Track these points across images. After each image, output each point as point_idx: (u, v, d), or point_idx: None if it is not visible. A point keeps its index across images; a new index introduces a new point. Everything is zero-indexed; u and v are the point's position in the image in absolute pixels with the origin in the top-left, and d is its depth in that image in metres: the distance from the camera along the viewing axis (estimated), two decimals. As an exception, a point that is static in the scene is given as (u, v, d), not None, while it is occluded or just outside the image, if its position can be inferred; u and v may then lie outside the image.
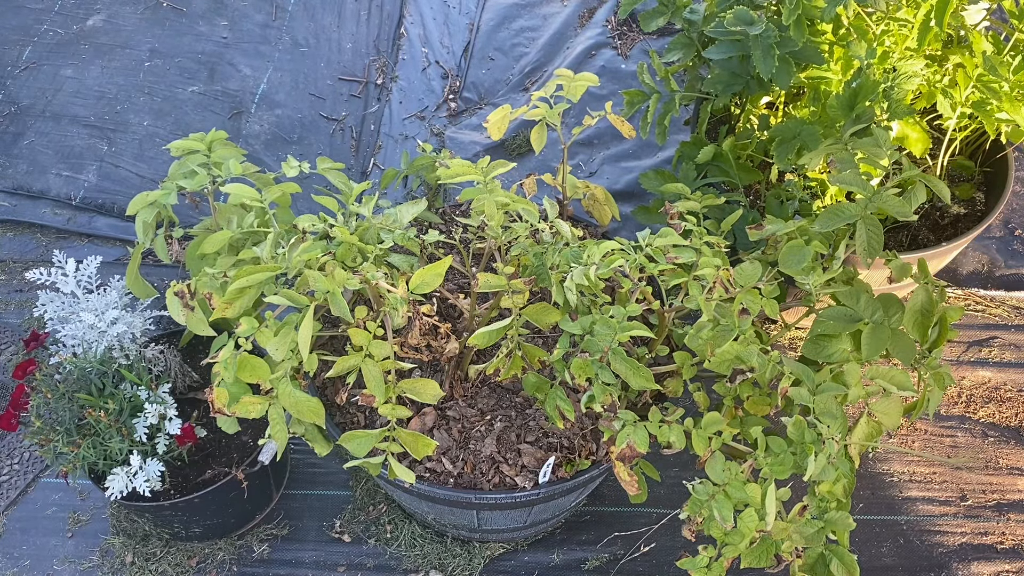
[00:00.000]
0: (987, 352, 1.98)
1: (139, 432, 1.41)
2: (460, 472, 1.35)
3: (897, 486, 1.78)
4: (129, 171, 2.26)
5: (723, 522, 1.09)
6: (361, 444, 1.16)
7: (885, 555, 1.68)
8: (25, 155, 2.30)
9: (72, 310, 1.49)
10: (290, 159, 1.34)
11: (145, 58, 2.52)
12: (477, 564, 1.65)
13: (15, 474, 1.78)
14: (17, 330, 1.99)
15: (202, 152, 1.37)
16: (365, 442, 1.16)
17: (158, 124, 2.36)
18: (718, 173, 1.66)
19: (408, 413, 1.17)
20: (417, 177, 1.58)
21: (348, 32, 2.70)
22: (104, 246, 2.17)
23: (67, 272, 1.50)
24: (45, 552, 1.68)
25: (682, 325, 1.36)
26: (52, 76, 2.47)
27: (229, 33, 2.60)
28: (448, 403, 1.42)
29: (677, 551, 1.67)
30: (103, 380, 1.44)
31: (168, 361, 1.54)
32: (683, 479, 1.20)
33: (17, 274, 2.11)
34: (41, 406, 1.43)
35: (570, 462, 1.35)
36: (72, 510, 1.73)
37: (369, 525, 1.71)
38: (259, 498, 1.67)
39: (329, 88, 2.54)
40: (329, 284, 1.09)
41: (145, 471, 1.41)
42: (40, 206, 2.22)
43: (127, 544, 1.66)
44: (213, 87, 2.45)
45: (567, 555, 1.68)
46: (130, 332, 1.50)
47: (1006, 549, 1.69)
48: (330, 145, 2.40)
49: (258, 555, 1.67)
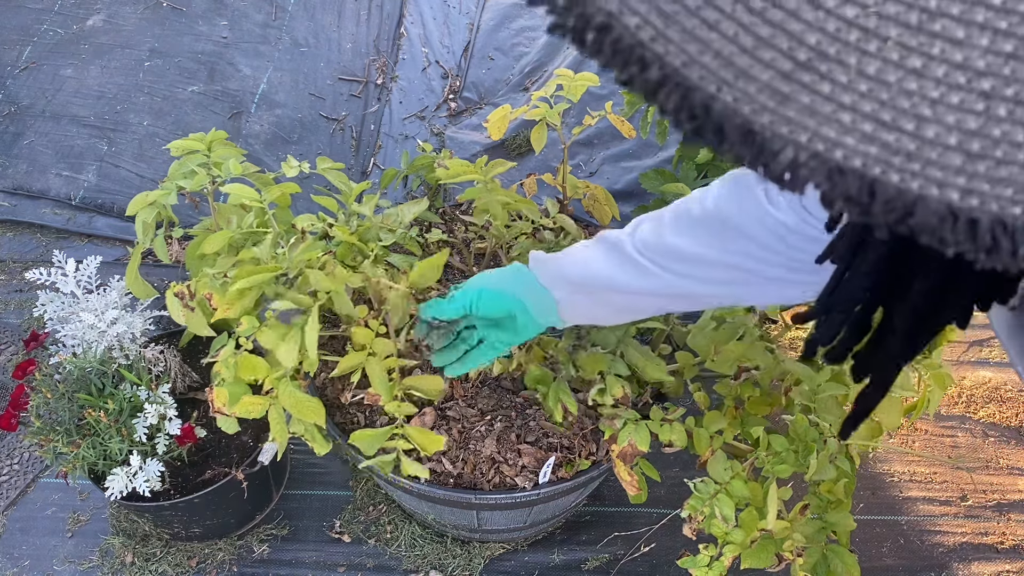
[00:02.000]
0: (988, 352, 1.97)
1: (139, 432, 1.40)
2: (460, 472, 1.34)
3: (897, 486, 1.77)
4: (129, 171, 2.26)
5: (724, 521, 1.09)
6: (371, 442, 1.16)
7: (886, 555, 1.68)
8: (25, 155, 2.30)
9: (72, 310, 1.49)
10: (290, 159, 1.33)
11: (145, 58, 2.52)
12: (477, 564, 1.65)
13: (15, 474, 1.78)
14: (17, 330, 1.99)
15: (202, 152, 1.37)
16: (374, 441, 1.16)
17: (158, 124, 2.36)
18: (718, 173, 1.66)
19: (414, 410, 1.17)
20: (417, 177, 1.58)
21: (348, 32, 2.69)
22: (104, 246, 2.17)
23: (67, 272, 1.50)
24: (45, 552, 1.68)
25: (684, 324, 1.36)
26: (52, 76, 2.47)
27: (229, 33, 2.60)
28: (448, 403, 1.42)
29: (677, 551, 1.66)
30: (103, 380, 1.44)
31: (168, 361, 1.53)
32: (683, 479, 1.20)
33: (17, 274, 2.11)
34: (41, 406, 1.43)
35: (570, 462, 1.35)
36: (72, 510, 1.73)
37: (369, 525, 1.71)
38: (259, 498, 1.67)
39: (329, 88, 2.54)
40: (331, 283, 1.09)
41: (145, 471, 1.41)
42: (40, 206, 2.22)
43: (127, 544, 1.66)
44: (213, 87, 2.45)
45: (567, 555, 1.68)
46: (130, 332, 1.50)
47: (1007, 549, 1.69)
48: (330, 145, 2.40)
49: (258, 555, 1.67)
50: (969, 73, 0.20)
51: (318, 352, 1.11)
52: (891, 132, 0.21)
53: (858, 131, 0.21)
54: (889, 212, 0.22)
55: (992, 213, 0.21)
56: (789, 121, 0.22)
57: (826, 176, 0.22)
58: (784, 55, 0.22)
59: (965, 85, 0.20)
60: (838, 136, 0.22)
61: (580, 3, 0.24)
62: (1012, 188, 0.21)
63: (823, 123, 0.22)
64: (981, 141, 0.20)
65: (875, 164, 0.22)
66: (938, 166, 0.21)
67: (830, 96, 0.22)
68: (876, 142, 0.21)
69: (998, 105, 0.20)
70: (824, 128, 0.22)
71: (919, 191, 0.21)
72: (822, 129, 0.22)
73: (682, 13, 0.22)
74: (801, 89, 0.22)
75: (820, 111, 0.22)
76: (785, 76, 0.22)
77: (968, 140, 0.20)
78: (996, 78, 0.20)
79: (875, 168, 0.22)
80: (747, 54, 0.22)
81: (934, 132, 0.21)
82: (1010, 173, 0.21)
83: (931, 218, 0.22)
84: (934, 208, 0.21)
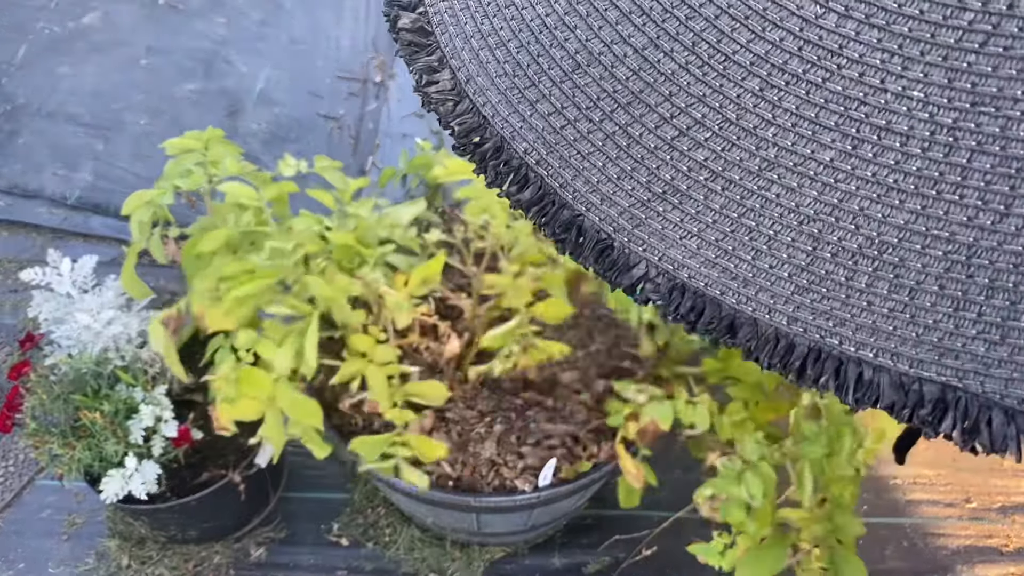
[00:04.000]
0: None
1: (135, 434, 1.39)
2: (459, 475, 1.33)
3: (901, 489, 1.76)
4: (125, 170, 2.24)
5: (752, 499, 1.07)
6: (372, 449, 1.15)
7: (890, 558, 1.67)
8: (20, 154, 2.28)
9: (67, 311, 1.47)
10: (288, 157, 1.32)
11: (141, 56, 2.50)
12: (477, 568, 1.63)
13: (10, 476, 1.76)
14: (12, 331, 1.97)
15: (198, 151, 1.35)
16: (375, 447, 1.15)
17: (154, 122, 2.34)
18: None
19: (415, 417, 1.15)
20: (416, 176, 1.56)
21: (346, 29, 2.68)
22: (100, 246, 2.15)
23: (62, 272, 1.48)
24: (40, 555, 1.66)
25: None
26: (48, 74, 2.45)
27: (226, 30, 2.58)
28: (447, 405, 1.40)
29: (679, 554, 1.65)
30: (98, 381, 1.42)
31: (164, 362, 1.52)
32: (685, 482, 1.18)
33: (12, 274, 2.09)
34: (36, 407, 1.41)
35: (571, 464, 1.34)
36: (68, 512, 1.71)
37: (367, 528, 1.70)
38: (256, 501, 1.65)
39: (327, 86, 2.52)
40: (331, 291, 1.07)
41: (141, 473, 1.39)
42: (35, 205, 2.20)
43: (123, 547, 1.64)
44: (210, 85, 2.43)
45: (568, 559, 1.67)
46: (126, 333, 1.48)
47: (1011, 551, 1.68)
48: (328, 143, 2.38)
49: (255, 558, 1.66)
50: (800, 216, 0.24)
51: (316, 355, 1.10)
52: (731, 260, 0.25)
53: (702, 256, 0.25)
54: (721, 330, 0.26)
55: (811, 339, 0.24)
56: (643, 242, 0.26)
57: (668, 291, 0.26)
58: (643, 187, 0.26)
59: (796, 227, 0.24)
60: (684, 259, 0.26)
61: (479, 130, 0.29)
62: (832, 320, 0.24)
63: (671, 246, 0.26)
64: (808, 276, 0.24)
65: (715, 286, 0.25)
66: (769, 293, 0.25)
67: (679, 224, 0.25)
68: (717, 267, 0.25)
69: (824, 248, 0.24)
70: (672, 251, 0.26)
71: (751, 313, 0.25)
72: (670, 252, 0.26)
73: (561, 144, 0.27)
74: (656, 216, 0.26)
75: (670, 236, 0.26)
76: (643, 204, 0.26)
77: (797, 274, 0.24)
78: (823, 223, 0.23)
79: (715, 290, 0.25)
80: (612, 183, 0.26)
81: (768, 264, 0.24)
82: (831, 307, 0.24)
83: (756, 339, 0.25)
84: (762, 330, 0.25)
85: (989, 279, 0.22)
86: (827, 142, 0.23)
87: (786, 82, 0.23)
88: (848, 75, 0.22)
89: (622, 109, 0.26)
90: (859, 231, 0.23)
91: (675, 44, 0.24)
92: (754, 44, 0.23)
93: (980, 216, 0.22)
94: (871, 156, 0.23)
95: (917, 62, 0.22)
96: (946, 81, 0.21)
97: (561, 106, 0.27)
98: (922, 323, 0.23)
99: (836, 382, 0.24)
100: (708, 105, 0.24)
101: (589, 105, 0.26)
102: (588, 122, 0.26)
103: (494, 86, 0.28)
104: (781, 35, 0.23)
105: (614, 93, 0.26)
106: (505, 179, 0.29)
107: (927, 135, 0.22)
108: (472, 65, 0.29)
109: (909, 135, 0.22)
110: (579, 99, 0.26)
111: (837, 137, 0.23)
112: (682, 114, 0.25)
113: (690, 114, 0.25)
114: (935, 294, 0.23)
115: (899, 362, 0.24)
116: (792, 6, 0.23)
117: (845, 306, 0.24)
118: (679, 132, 0.25)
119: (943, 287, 0.23)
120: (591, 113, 0.26)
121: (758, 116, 0.24)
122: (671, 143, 0.25)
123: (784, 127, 0.23)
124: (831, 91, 0.23)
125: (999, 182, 0.21)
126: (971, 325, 0.23)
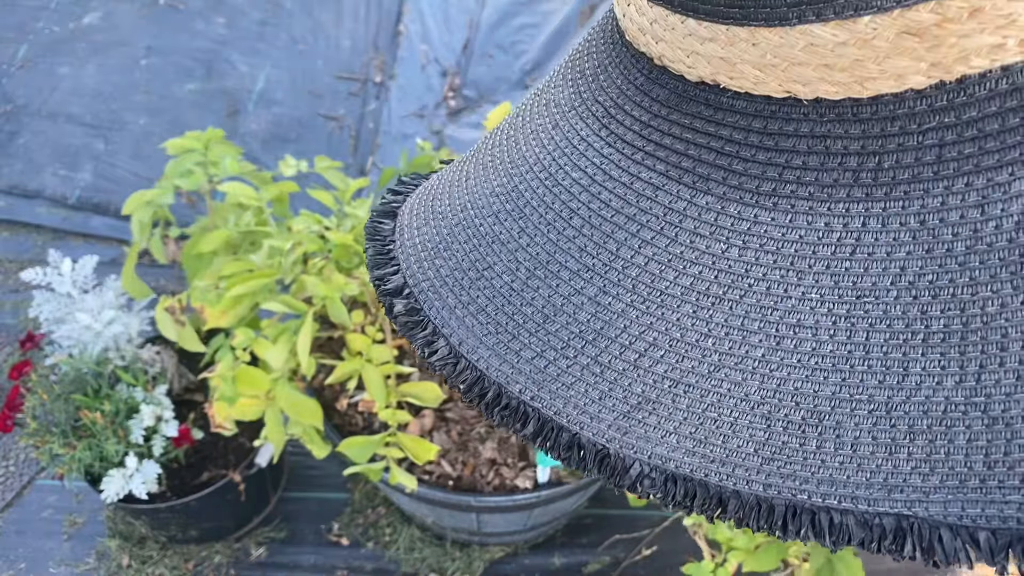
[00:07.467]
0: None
1: (135, 434, 1.39)
2: (459, 474, 1.33)
3: (901, 488, 1.76)
4: (125, 170, 2.24)
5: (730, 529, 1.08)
6: (361, 450, 1.15)
7: (888, 558, 1.67)
8: (21, 154, 2.28)
9: (68, 311, 1.47)
10: (288, 158, 1.32)
11: (142, 56, 2.50)
12: (476, 567, 1.63)
13: (10, 476, 1.76)
14: (12, 331, 1.97)
15: (198, 151, 1.35)
16: (366, 448, 1.15)
17: (154, 122, 2.34)
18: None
19: (410, 418, 1.15)
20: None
21: (346, 29, 2.68)
22: (100, 245, 2.15)
23: (62, 272, 1.48)
24: (41, 554, 1.66)
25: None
26: (48, 74, 2.46)
27: (227, 30, 2.59)
28: (447, 404, 1.41)
29: (679, 554, 1.65)
30: (99, 381, 1.42)
31: (164, 362, 1.52)
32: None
33: (12, 274, 2.09)
34: (36, 407, 1.41)
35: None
36: (68, 512, 1.71)
37: (368, 528, 1.70)
38: (256, 501, 1.66)
39: (327, 86, 2.52)
40: (327, 290, 1.07)
41: (141, 473, 1.39)
42: (36, 205, 2.20)
43: (123, 547, 1.64)
44: (210, 85, 2.43)
45: (568, 558, 1.67)
46: (126, 333, 1.48)
47: (1010, 551, 1.68)
48: (328, 143, 2.38)
49: (255, 558, 1.66)
50: (751, 402, 0.28)
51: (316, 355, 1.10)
52: (706, 446, 0.30)
53: (683, 448, 0.30)
54: (713, 507, 0.30)
55: (785, 498, 0.29)
56: (632, 446, 0.31)
57: (663, 483, 0.31)
58: (622, 401, 0.31)
59: (750, 411, 0.29)
60: (669, 453, 0.31)
61: (480, 381, 0.33)
62: (797, 480, 0.28)
63: (656, 445, 0.31)
64: (770, 448, 0.29)
65: (700, 470, 0.30)
66: (743, 468, 0.29)
67: (658, 426, 0.30)
68: (696, 455, 0.30)
69: (775, 423, 0.28)
70: (658, 448, 0.31)
71: (733, 487, 0.30)
72: (656, 449, 0.31)
73: (548, 380, 0.32)
74: (638, 423, 0.31)
75: (653, 437, 0.31)
76: (625, 415, 0.31)
77: (761, 448, 0.29)
78: (770, 404, 0.28)
79: (700, 473, 0.30)
80: (596, 403, 0.31)
81: (736, 444, 0.29)
82: (794, 470, 0.28)
83: (742, 508, 0.30)
84: (744, 499, 0.30)
85: (908, 426, 0.27)
86: (755, 342, 0.28)
87: (712, 303, 0.29)
88: (758, 290, 0.28)
89: (590, 344, 0.31)
90: (799, 406, 0.28)
91: (619, 288, 0.30)
92: (680, 279, 0.29)
93: (887, 379, 0.27)
94: (792, 347, 0.28)
95: (807, 273, 0.27)
96: (832, 283, 0.27)
97: (541, 350, 0.32)
98: (867, 468, 0.28)
99: (814, 531, 0.29)
100: (656, 330, 0.30)
101: (563, 346, 0.32)
102: (565, 359, 0.32)
103: (483, 344, 0.33)
104: (699, 269, 0.29)
105: (581, 333, 0.31)
106: (509, 420, 0.33)
107: (830, 324, 0.27)
108: (460, 331, 0.34)
109: (817, 326, 0.27)
110: (553, 342, 0.32)
111: (762, 337, 0.28)
112: (638, 340, 0.30)
113: (644, 339, 0.30)
114: (871, 444, 0.27)
115: (858, 503, 0.28)
116: (702, 246, 0.29)
117: (804, 466, 0.28)
118: (639, 354, 0.30)
119: (875, 438, 0.27)
120: (566, 352, 0.32)
121: (697, 331, 0.29)
122: (635, 364, 0.30)
123: (720, 336, 0.29)
124: (748, 303, 0.28)
125: (894, 351, 0.26)
126: (904, 463, 0.27)
